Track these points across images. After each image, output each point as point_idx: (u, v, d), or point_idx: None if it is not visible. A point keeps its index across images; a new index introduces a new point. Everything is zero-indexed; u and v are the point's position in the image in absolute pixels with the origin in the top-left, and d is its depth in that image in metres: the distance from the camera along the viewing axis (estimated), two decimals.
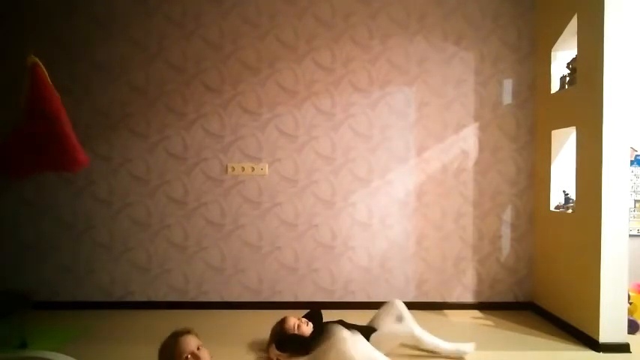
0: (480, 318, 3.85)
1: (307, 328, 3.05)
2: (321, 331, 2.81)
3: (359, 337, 2.60)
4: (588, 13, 3.26)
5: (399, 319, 3.06)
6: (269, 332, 3.11)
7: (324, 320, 3.20)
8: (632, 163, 3.99)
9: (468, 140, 4.08)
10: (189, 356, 1.99)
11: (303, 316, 3.21)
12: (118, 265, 4.10)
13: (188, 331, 2.09)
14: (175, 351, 1.99)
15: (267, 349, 3.02)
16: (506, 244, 4.10)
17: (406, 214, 4.09)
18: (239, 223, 4.10)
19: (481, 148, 4.08)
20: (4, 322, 3.35)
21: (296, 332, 3.01)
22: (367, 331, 2.95)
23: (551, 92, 3.79)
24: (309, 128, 4.08)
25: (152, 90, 4.06)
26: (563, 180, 3.78)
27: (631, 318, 3.35)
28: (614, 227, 3.08)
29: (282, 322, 3.08)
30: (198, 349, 2.02)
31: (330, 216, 4.09)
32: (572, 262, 3.44)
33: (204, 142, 4.08)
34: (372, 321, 3.14)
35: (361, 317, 3.28)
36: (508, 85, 4.07)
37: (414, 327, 2.98)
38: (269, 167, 4.09)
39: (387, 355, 2.68)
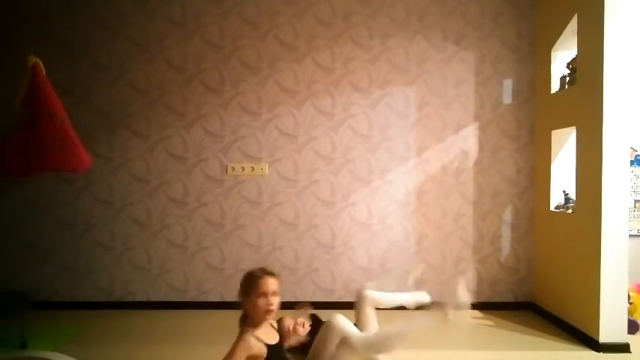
0: (480, 318, 3.85)
1: (302, 330, 3.00)
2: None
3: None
4: (588, 13, 3.26)
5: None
6: None
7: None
8: (632, 163, 3.99)
9: (468, 140, 4.08)
10: (261, 296, 2.01)
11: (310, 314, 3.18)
12: (118, 265, 4.10)
13: (274, 274, 2.11)
14: (254, 284, 2.08)
15: None
16: (506, 244, 4.09)
17: (406, 214, 4.09)
18: (239, 223, 4.10)
19: (481, 148, 4.08)
20: (4, 322, 3.34)
21: (290, 336, 2.95)
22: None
23: (551, 92, 3.79)
24: (309, 128, 4.08)
25: (152, 90, 4.06)
26: (563, 180, 3.78)
27: (631, 318, 3.35)
28: (614, 227, 3.08)
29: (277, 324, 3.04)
30: (273, 294, 2.04)
31: (330, 216, 4.09)
32: (572, 262, 3.44)
33: (204, 142, 4.08)
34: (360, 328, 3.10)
35: None
36: (508, 85, 4.07)
37: (371, 293, 3.02)
38: (269, 167, 4.08)
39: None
